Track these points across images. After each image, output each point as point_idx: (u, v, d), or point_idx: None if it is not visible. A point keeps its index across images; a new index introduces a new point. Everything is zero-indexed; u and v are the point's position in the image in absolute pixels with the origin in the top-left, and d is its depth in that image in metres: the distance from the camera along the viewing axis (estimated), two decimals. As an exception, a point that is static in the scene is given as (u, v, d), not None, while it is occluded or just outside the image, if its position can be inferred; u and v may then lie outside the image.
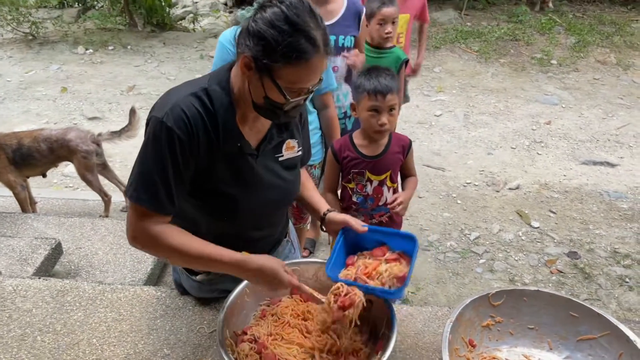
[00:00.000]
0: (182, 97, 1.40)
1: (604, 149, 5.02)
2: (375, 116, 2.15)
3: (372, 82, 2.12)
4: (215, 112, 1.42)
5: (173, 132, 1.36)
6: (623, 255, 3.61)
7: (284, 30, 1.28)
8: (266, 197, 1.60)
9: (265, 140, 1.55)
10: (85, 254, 2.73)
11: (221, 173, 1.48)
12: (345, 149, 2.29)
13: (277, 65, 1.30)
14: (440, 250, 3.68)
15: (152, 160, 1.38)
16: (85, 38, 7.74)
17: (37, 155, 3.06)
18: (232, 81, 1.46)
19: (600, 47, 7.24)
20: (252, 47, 1.31)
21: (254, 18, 1.32)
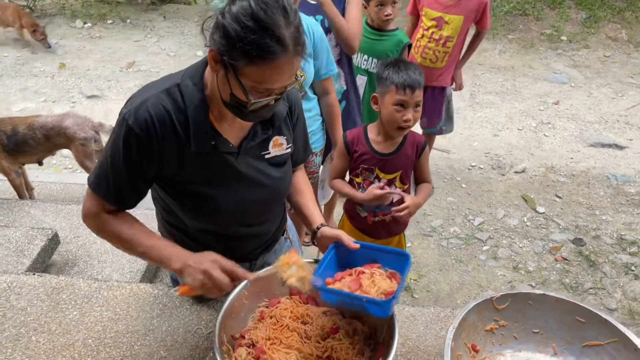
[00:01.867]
0: (153, 94, 1.36)
1: (613, 131, 4.92)
2: (401, 111, 2.06)
3: (401, 75, 2.03)
4: (185, 109, 1.36)
5: (132, 131, 1.33)
6: (629, 242, 3.56)
7: (247, 26, 1.18)
8: (251, 195, 1.54)
9: (248, 137, 1.48)
10: (82, 243, 2.69)
11: (196, 173, 1.43)
12: (357, 142, 2.21)
13: (239, 63, 1.22)
14: (444, 236, 3.63)
15: (109, 153, 1.39)
16: (83, 11, 7.59)
17: (32, 143, 2.99)
18: (206, 76, 1.38)
19: (611, 23, 7.05)
20: (217, 40, 1.22)
21: (223, 10, 1.23)
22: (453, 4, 3.32)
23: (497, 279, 3.28)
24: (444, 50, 3.44)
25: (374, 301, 1.37)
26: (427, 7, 3.39)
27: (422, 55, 3.50)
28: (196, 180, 1.44)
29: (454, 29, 3.35)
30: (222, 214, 1.51)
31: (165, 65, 6.24)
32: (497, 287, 3.22)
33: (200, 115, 1.37)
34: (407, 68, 2.05)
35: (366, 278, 1.47)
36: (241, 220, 1.61)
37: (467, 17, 3.35)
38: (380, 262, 1.53)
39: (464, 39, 3.49)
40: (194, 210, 1.50)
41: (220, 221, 1.54)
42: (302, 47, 1.26)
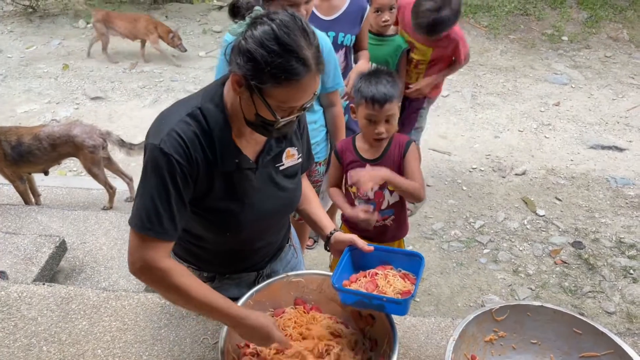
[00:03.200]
0: (176, 120, 1.38)
1: (613, 132, 4.95)
2: (372, 125, 2.07)
3: (370, 90, 2.01)
4: (211, 131, 1.39)
5: (172, 157, 1.34)
6: (628, 246, 3.59)
7: (273, 50, 1.24)
8: (268, 208, 1.58)
9: (263, 151, 1.53)
10: (89, 249, 2.74)
11: (221, 190, 1.47)
12: (347, 151, 2.26)
13: (266, 85, 1.27)
14: (445, 239, 3.67)
15: (154, 187, 1.36)
16: (86, 11, 7.60)
17: (38, 153, 3.03)
18: (225, 96, 1.43)
19: (612, 22, 7.06)
20: (242, 65, 1.28)
21: (244, 35, 1.29)
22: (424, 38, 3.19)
23: (497, 283, 3.32)
24: (416, 72, 3.41)
25: (393, 300, 1.45)
26: (401, 28, 3.36)
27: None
28: (221, 197, 1.48)
29: (422, 55, 3.29)
30: (243, 229, 1.55)
31: (168, 66, 6.26)
32: (497, 291, 3.26)
33: (225, 135, 1.41)
34: (378, 82, 2.02)
35: (381, 279, 1.55)
36: (259, 232, 1.66)
37: (437, 51, 3.24)
38: (393, 263, 1.61)
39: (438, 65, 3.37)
40: (218, 227, 1.53)
41: (241, 235, 1.58)
42: (323, 65, 1.33)
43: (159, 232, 1.37)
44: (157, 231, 1.36)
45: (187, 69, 6.14)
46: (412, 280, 1.55)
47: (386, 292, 1.50)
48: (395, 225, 2.39)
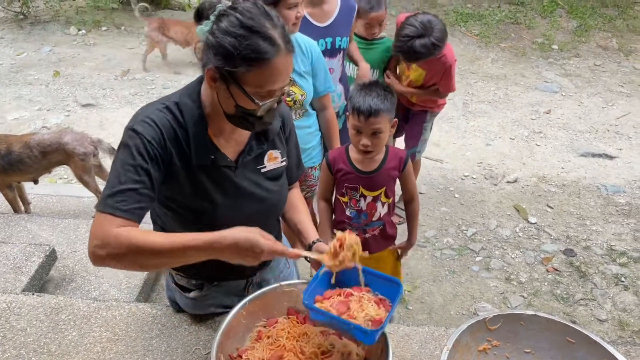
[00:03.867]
0: (153, 109, 1.41)
1: (603, 140, 4.98)
2: (358, 136, 2.07)
3: (358, 100, 2.01)
4: (185, 124, 1.42)
5: (142, 136, 1.36)
6: (619, 253, 3.61)
7: (240, 34, 1.29)
8: (249, 208, 1.58)
9: (244, 152, 1.54)
10: (80, 257, 2.71)
11: (196, 187, 1.48)
12: (340, 161, 2.23)
13: (240, 70, 1.30)
14: (437, 247, 3.67)
15: (121, 165, 1.35)
16: (77, 17, 7.58)
17: (28, 162, 3.00)
18: (203, 95, 1.46)
19: (602, 32, 7.13)
20: (213, 58, 1.31)
21: (211, 31, 1.33)
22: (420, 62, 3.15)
23: (490, 290, 3.32)
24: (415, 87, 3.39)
25: (360, 329, 1.37)
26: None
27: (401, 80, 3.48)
28: (197, 194, 1.48)
29: (417, 78, 3.29)
30: (220, 228, 1.49)
31: (160, 73, 6.25)
32: (490, 299, 3.26)
33: (200, 130, 1.43)
34: (368, 94, 2.01)
35: (354, 301, 1.47)
36: None
37: (430, 73, 3.21)
38: (371, 285, 1.53)
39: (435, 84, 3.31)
40: (195, 225, 1.51)
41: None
42: (292, 44, 1.36)
43: (120, 210, 1.31)
44: (114, 207, 1.31)
45: (179, 76, 6.13)
46: (387, 306, 1.46)
47: (356, 318, 1.40)
48: (382, 236, 2.39)
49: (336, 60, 2.81)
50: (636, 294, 3.28)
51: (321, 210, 2.38)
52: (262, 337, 1.67)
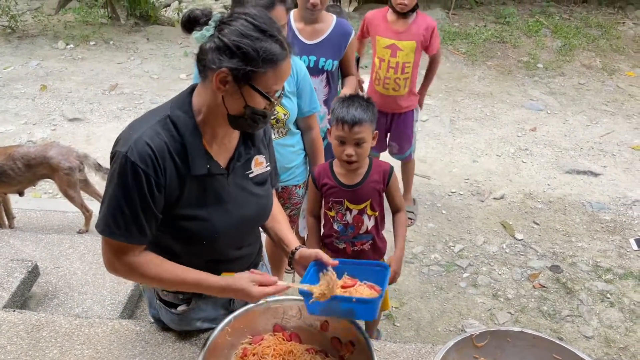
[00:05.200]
0: (145, 128, 1.42)
1: (588, 158, 5.04)
2: (341, 146, 2.12)
3: (342, 111, 2.08)
4: (181, 137, 1.43)
5: (137, 167, 1.38)
6: (604, 270, 3.63)
7: (256, 37, 1.35)
8: (242, 214, 1.61)
9: (234, 158, 1.57)
10: (63, 274, 2.67)
11: (193, 197, 1.50)
12: (324, 176, 2.27)
13: (260, 71, 1.37)
14: (425, 263, 3.67)
15: (121, 194, 1.40)
16: (66, 32, 7.57)
17: (11, 174, 2.97)
18: (194, 104, 1.47)
19: (586, 51, 7.26)
20: (228, 60, 1.35)
21: (219, 35, 1.36)
22: (403, 30, 3.43)
23: (477, 307, 3.32)
24: (404, 77, 3.52)
25: (363, 300, 1.49)
26: (379, 35, 3.48)
27: (384, 86, 3.57)
28: (194, 204, 1.50)
29: (407, 54, 3.45)
30: (218, 236, 1.56)
31: (148, 87, 6.23)
32: (477, 315, 3.26)
33: (195, 140, 1.46)
34: (350, 104, 2.09)
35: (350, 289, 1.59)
36: (234, 241, 1.67)
37: (419, 42, 3.45)
38: (358, 276, 1.64)
39: (419, 62, 3.59)
40: (192, 235, 1.54)
41: (216, 244, 1.59)
42: (294, 48, 1.47)
43: (126, 237, 1.44)
44: (124, 236, 1.43)
45: (167, 91, 6.12)
46: (377, 290, 1.57)
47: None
48: (372, 249, 2.39)
49: (318, 80, 2.82)
50: (622, 310, 3.30)
51: (309, 225, 2.39)
52: (248, 354, 1.66)
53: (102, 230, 1.44)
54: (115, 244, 1.45)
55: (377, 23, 3.50)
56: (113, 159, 1.43)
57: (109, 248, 1.47)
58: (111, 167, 1.43)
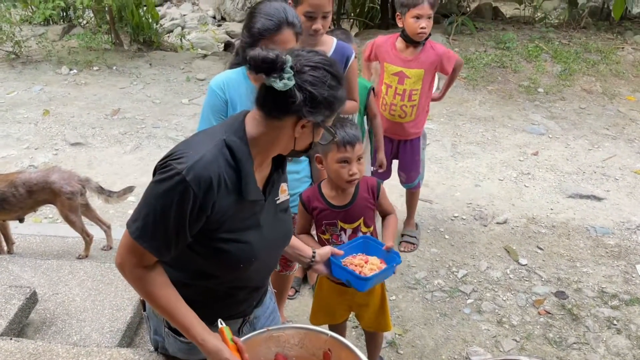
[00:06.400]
0: (204, 151, 1.43)
1: (591, 182, 5.02)
2: (345, 167, 2.17)
3: (339, 133, 2.11)
4: (236, 163, 1.46)
5: (190, 189, 1.38)
6: (610, 296, 3.58)
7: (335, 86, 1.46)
8: (274, 238, 1.67)
9: (269, 184, 1.61)
10: (62, 300, 2.63)
11: (238, 221, 1.52)
12: (314, 200, 2.30)
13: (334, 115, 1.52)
14: (428, 289, 3.63)
15: (161, 208, 1.40)
16: (70, 57, 7.64)
17: (13, 200, 2.96)
18: (249, 132, 1.50)
19: (586, 76, 7.30)
20: (318, 112, 1.45)
21: (306, 86, 1.41)
22: (412, 58, 3.44)
23: (482, 334, 3.26)
24: (411, 104, 3.52)
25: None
26: (388, 62, 3.49)
27: (391, 112, 3.57)
28: (236, 228, 1.52)
29: (415, 81, 3.46)
30: (255, 260, 1.58)
31: (150, 112, 6.26)
32: (482, 342, 3.20)
33: (249, 167, 1.49)
34: (343, 125, 2.17)
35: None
36: (266, 264, 1.71)
37: (428, 70, 3.45)
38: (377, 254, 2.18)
39: (429, 88, 3.59)
40: (232, 258, 1.54)
41: (252, 268, 1.60)
42: None
43: (149, 245, 1.44)
44: (148, 244, 1.43)
45: (169, 116, 6.15)
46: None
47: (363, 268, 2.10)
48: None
49: None
50: (629, 337, 3.24)
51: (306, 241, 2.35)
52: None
53: (133, 232, 1.44)
54: (138, 248, 1.44)
55: (386, 49, 3.51)
56: (164, 168, 1.42)
57: (128, 249, 1.47)
58: (159, 177, 1.41)
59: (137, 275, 1.48)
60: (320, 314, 2.61)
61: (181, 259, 1.55)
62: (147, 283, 1.49)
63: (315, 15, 2.52)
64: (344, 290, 2.42)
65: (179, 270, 1.59)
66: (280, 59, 1.37)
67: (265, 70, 1.38)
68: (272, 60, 1.36)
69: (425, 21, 3.23)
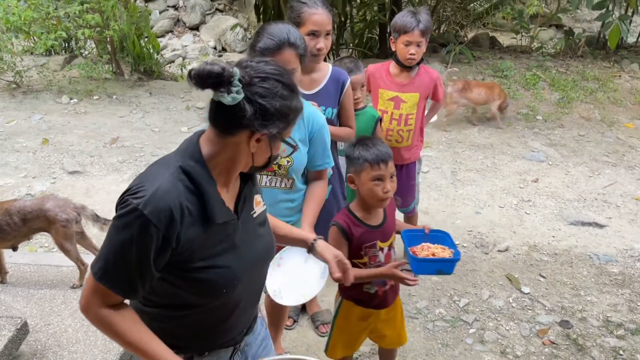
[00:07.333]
0: (160, 181, 1.37)
1: (592, 209, 4.98)
2: (379, 184, 2.18)
3: (372, 152, 2.17)
4: (197, 188, 1.39)
5: (150, 223, 1.32)
6: (616, 325, 3.51)
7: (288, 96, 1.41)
8: (254, 255, 1.59)
9: (240, 201, 1.55)
10: (54, 331, 2.57)
11: (210, 246, 1.45)
12: (351, 225, 2.27)
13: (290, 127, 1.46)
14: (429, 319, 3.55)
15: (121, 245, 1.35)
16: (70, 87, 7.68)
17: (7, 229, 2.91)
18: (205, 153, 1.44)
19: (584, 103, 7.33)
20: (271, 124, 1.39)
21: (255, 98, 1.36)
22: (407, 82, 3.47)
23: (485, 365, 3.18)
24: (407, 129, 3.54)
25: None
26: (382, 88, 3.51)
27: (387, 137, 3.57)
28: (210, 254, 1.45)
29: (411, 106, 3.48)
30: (237, 282, 1.51)
31: (149, 140, 6.26)
32: (486, 374, 3.12)
33: (213, 191, 1.42)
34: (375, 144, 2.21)
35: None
36: (250, 285, 1.62)
37: (422, 94, 3.51)
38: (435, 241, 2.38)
39: (423, 112, 3.63)
40: (213, 285, 1.47)
41: (236, 291, 1.53)
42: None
43: (112, 285, 1.38)
44: (111, 283, 1.38)
45: (168, 144, 6.14)
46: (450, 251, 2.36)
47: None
48: (396, 287, 2.47)
49: None
50: (637, 368, 3.16)
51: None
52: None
53: (95, 273, 1.39)
54: (102, 288, 1.39)
55: (379, 76, 3.54)
56: (122, 204, 1.37)
57: (92, 290, 1.41)
58: (119, 213, 1.36)
59: (103, 315, 1.41)
60: (339, 346, 2.56)
61: (163, 293, 1.50)
62: (115, 323, 1.42)
63: (319, 33, 2.61)
64: (368, 313, 2.44)
65: (163, 306, 1.53)
66: (227, 72, 1.31)
67: (212, 85, 1.32)
68: (218, 74, 1.30)
69: (414, 47, 3.26)
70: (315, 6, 2.60)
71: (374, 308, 2.45)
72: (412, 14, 3.27)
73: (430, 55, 8.49)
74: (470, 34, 9.73)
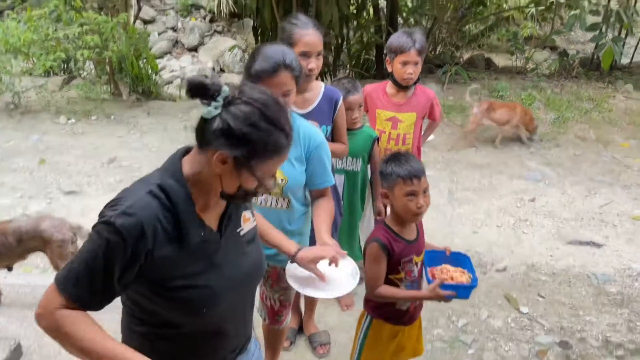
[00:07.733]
0: (136, 198, 1.38)
1: (589, 228, 4.99)
2: (413, 200, 2.18)
3: (405, 168, 2.18)
4: (173, 207, 1.39)
5: (119, 235, 1.33)
6: (615, 345, 3.48)
7: (266, 129, 1.35)
8: (239, 274, 1.56)
9: (224, 218, 1.53)
10: (47, 353, 2.54)
11: (189, 265, 1.44)
12: (391, 240, 2.26)
13: (260, 161, 1.38)
14: (427, 340, 3.51)
15: (87, 254, 1.37)
16: (68, 107, 7.71)
17: (2, 249, 2.91)
18: (186, 171, 1.44)
19: (579, 123, 7.39)
20: (234, 147, 1.34)
21: (228, 117, 1.33)
22: (404, 102, 3.49)
23: (485, 387, 3.15)
24: (405, 148, 3.55)
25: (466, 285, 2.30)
26: (380, 108, 3.53)
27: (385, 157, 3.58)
28: (190, 273, 1.44)
29: (408, 125, 3.51)
30: (220, 301, 1.49)
31: (146, 160, 6.27)
32: (485, 396, 3.08)
33: (189, 210, 1.41)
34: (407, 160, 2.21)
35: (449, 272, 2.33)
36: (235, 304, 1.59)
37: (419, 114, 3.53)
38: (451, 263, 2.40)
39: (420, 131, 3.65)
40: (193, 304, 1.46)
41: (218, 310, 1.51)
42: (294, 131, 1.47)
43: (70, 292, 1.37)
44: (69, 291, 1.37)
45: (166, 164, 6.14)
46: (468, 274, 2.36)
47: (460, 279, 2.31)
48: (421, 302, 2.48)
49: None
50: (637, 389, 3.13)
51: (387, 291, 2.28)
52: None
53: (56, 279, 1.40)
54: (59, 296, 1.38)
55: (376, 96, 3.56)
56: (99, 216, 1.40)
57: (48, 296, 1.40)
58: (94, 224, 1.39)
59: (57, 317, 1.37)
60: None
61: (149, 312, 1.49)
62: (68, 323, 1.36)
63: (310, 54, 2.62)
64: (398, 329, 2.43)
65: (150, 324, 1.52)
66: (214, 87, 1.33)
67: (198, 94, 1.35)
68: (205, 86, 1.33)
69: (411, 67, 3.28)
70: (306, 27, 2.63)
71: (403, 325, 2.43)
72: (407, 34, 3.30)
73: (426, 75, 8.57)
74: (465, 55, 9.84)
